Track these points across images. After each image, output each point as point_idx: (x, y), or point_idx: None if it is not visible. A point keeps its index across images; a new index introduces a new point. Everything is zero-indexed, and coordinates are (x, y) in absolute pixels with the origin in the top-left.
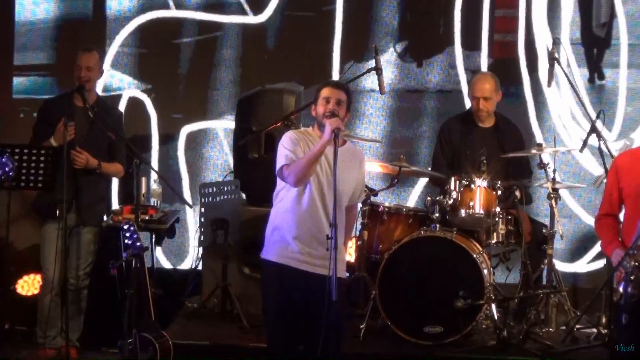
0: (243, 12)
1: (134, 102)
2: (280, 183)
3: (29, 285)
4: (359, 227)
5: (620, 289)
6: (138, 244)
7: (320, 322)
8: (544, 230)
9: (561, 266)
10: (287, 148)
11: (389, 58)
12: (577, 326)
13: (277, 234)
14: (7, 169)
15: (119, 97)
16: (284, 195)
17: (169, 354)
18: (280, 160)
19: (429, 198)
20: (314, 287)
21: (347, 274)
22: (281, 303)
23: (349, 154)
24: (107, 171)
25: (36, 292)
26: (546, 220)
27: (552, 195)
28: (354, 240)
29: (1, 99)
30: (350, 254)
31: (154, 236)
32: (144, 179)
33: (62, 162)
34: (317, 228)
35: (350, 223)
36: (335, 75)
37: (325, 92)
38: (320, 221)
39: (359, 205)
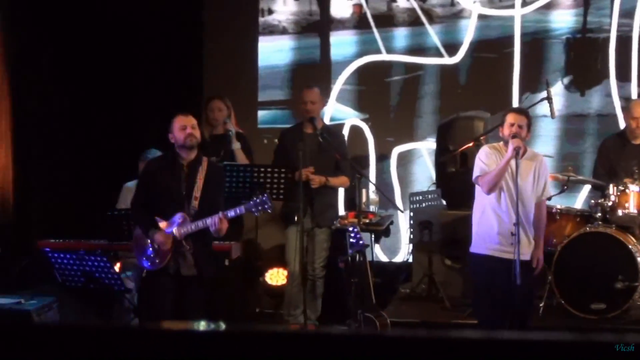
0: (440, 55)
1: (355, 129)
2: (477, 188)
3: (275, 277)
4: None
5: None
6: (361, 242)
7: (518, 298)
8: None
9: None
10: (482, 161)
11: (557, 89)
12: None
13: (482, 231)
14: (266, 206)
15: (342, 125)
16: (483, 199)
17: (386, 329)
18: (476, 171)
19: (592, 201)
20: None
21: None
22: (489, 286)
23: (529, 161)
24: (334, 184)
25: (282, 282)
26: None
27: None
28: None
29: (249, 128)
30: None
31: (373, 236)
32: (364, 190)
33: (299, 180)
34: (511, 224)
35: (541, 217)
36: (515, 104)
37: (510, 117)
38: (513, 219)
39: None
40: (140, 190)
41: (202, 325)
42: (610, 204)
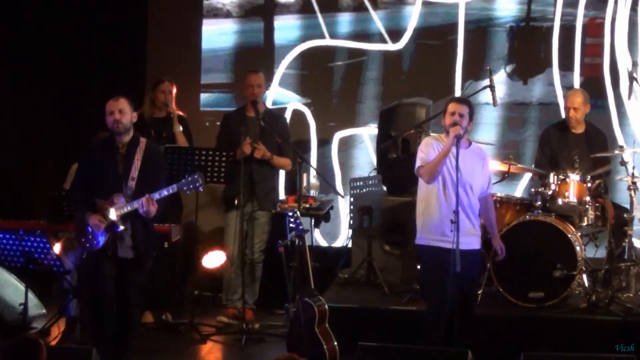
0: (384, 41)
1: (297, 113)
2: (421, 180)
3: (214, 260)
4: None
5: None
6: (300, 227)
7: (466, 286)
8: (625, 215)
9: (639, 244)
10: (422, 151)
11: (500, 77)
12: None
13: (427, 223)
14: (197, 184)
15: (284, 109)
16: (425, 190)
17: (325, 314)
18: (417, 162)
19: (532, 189)
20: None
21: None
22: (436, 275)
23: (473, 153)
24: (278, 163)
25: (220, 265)
26: (627, 207)
27: (631, 187)
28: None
29: (191, 111)
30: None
31: (313, 220)
32: (305, 175)
33: (241, 162)
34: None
35: (489, 210)
36: (457, 92)
37: (451, 106)
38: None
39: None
40: (79, 173)
41: None
42: (550, 192)
